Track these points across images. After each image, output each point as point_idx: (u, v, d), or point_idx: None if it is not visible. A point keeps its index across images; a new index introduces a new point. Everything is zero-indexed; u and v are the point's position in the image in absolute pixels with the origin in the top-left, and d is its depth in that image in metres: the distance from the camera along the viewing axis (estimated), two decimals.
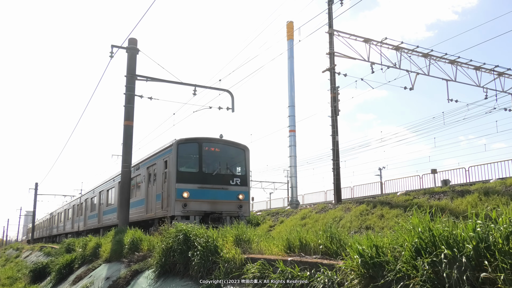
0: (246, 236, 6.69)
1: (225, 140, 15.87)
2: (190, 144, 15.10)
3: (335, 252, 4.90)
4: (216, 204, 14.51)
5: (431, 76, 26.74)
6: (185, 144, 14.99)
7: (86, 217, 29.27)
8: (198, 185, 14.39)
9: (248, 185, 15.62)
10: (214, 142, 15.49)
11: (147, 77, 16.94)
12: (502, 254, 2.92)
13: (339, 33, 24.48)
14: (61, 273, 15.10)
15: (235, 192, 15.03)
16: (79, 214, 31.85)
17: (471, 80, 28.16)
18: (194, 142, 15.13)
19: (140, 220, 16.94)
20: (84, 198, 31.10)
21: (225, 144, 15.77)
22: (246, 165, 15.78)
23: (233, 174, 15.40)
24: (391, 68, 25.38)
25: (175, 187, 13.99)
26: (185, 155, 14.93)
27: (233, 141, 16.10)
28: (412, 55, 26.16)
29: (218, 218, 14.28)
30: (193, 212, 14.00)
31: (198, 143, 15.10)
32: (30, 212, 77.53)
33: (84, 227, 29.28)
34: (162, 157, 15.44)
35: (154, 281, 7.93)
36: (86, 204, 29.73)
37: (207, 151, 15.23)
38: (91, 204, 28.21)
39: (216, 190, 14.66)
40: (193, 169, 14.86)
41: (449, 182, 23.53)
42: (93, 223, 26.44)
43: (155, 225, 15.10)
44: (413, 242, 3.47)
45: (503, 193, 15.23)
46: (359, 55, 24.84)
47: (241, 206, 14.97)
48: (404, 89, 26.14)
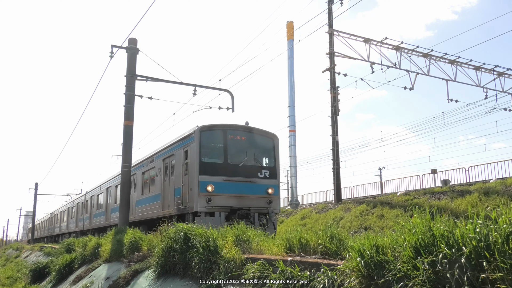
0: (246, 236, 6.70)
1: (252, 128, 14.35)
2: (214, 131, 13.64)
3: (335, 252, 4.90)
4: (243, 199, 13.11)
5: (431, 76, 26.77)
6: (209, 131, 13.51)
7: (91, 215, 27.97)
8: (223, 178, 12.96)
9: (278, 178, 14.13)
10: (240, 129, 13.98)
11: (147, 77, 16.95)
12: (501, 254, 2.92)
13: (339, 33, 24.49)
14: (61, 273, 15.09)
15: (264, 186, 13.59)
16: (84, 212, 30.50)
17: (471, 80, 28.19)
18: (218, 129, 13.64)
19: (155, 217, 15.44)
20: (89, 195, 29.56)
21: (252, 132, 14.24)
22: (275, 156, 14.27)
23: (261, 165, 13.90)
24: (391, 68, 25.41)
25: (198, 179, 12.59)
26: (208, 144, 13.52)
27: (260, 129, 14.66)
28: (412, 55, 26.19)
29: (246, 215, 12.92)
30: (218, 208, 12.62)
31: (222, 131, 13.60)
32: (30, 212, 77.57)
33: (89, 226, 28.05)
34: (182, 147, 14.00)
35: (154, 281, 7.93)
36: (92, 202, 28.29)
37: (232, 139, 13.74)
38: (98, 202, 26.75)
39: (243, 184, 13.26)
40: (218, 160, 13.40)
41: (449, 182, 23.54)
42: (100, 222, 25.15)
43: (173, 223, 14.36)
44: (413, 242, 3.47)
45: (503, 193, 15.25)
46: (359, 55, 24.86)
47: (270, 201, 13.52)
48: (404, 89, 26.19)
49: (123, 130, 16.02)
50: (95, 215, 26.83)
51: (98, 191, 27.01)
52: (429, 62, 26.58)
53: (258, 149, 14.15)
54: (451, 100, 27.70)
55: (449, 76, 27.33)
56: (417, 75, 25.86)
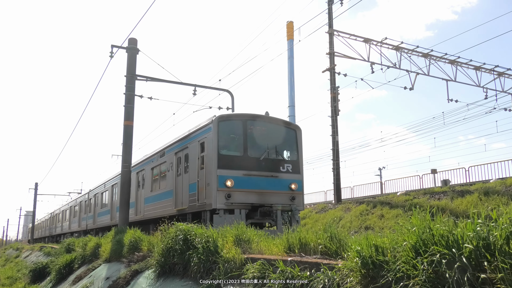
0: (246, 236, 6.69)
1: (273, 118, 13.52)
2: (233, 121, 12.76)
3: (335, 252, 4.90)
4: (264, 195, 12.19)
5: (431, 76, 26.77)
6: (227, 121, 12.60)
7: (95, 214, 26.98)
8: (243, 172, 12.03)
9: (301, 172, 13.22)
10: (261, 120, 13.09)
11: (147, 77, 16.96)
12: (502, 254, 2.92)
13: (339, 33, 24.49)
14: (61, 273, 15.10)
15: (286, 181, 12.66)
16: (87, 211, 29.52)
17: (471, 80, 28.18)
18: (237, 119, 12.78)
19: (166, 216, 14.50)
20: (93, 194, 28.55)
21: (273, 122, 13.37)
22: (298, 148, 13.34)
23: (283, 159, 12.98)
24: (391, 68, 25.41)
25: (217, 173, 11.67)
26: (227, 136, 12.57)
27: (282, 119, 13.87)
28: (412, 55, 26.19)
29: (269, 212, 12.09)
30: (238, 204, 11.73)
31: (242, 121, 12.68)
32: (30, 212, 77.59)
33: (93, 225, 27.05)
34: (197, 139, 13.03)
35: (154, 281, 7.93)
36: (96, 200, 27.28)
37: (252, 130, 12.81)
38: (102, 200, 25.74)
39: (265, 178, 12.30)
40: (237, 153, 12.48)
41: (449, 182, 23.54)
42: (105, 221, 24.13)
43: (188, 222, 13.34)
44: (412, 242, 3.47)
45: (503, 193, 15.25)
46: (359, 55, 24.86)
47: (294, 197, 12.61)
48: (404, 89, 26.19)
49: (123, 130, 16.03)
50: (99, 214, 25.94)
51: (102, 189, 26.06)
52: (429, 62, 26.58)
53: (279, 141, 13.21)
54: (451, 100, 27.70)
55: (449, 76, 27.34)
56: (417, 75, 25.87)
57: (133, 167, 19.51)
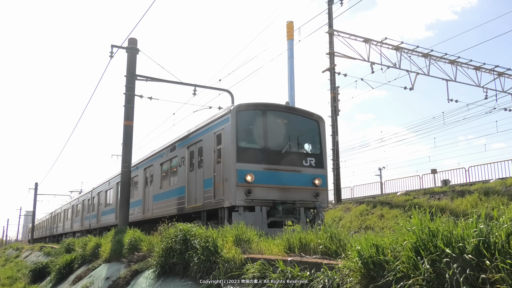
0: (246, 236, 6.69)
1: (294, 108, 12.81)
2: (252, 112, 11.94)
3: (335, 252, 4.90)
4: (287, 192, 11.39)
5: (431, 76, 26.77)
6: (246, 111, 11.78)
7: (99, 213, 26.00)
8: (264, 166, 11.24)
9: (325, 167, 12.41)
10: (281, 110, 12.40)
11: (147, 77, 16.96)
12: (502, 254, 2.92)
13: (339, 33, 24.49)
14: (61, 273, 15.10)
15: (310, 176, 11.85)
16: (91, 210, 28.64)
17: (471, 80, 28.19)
18: (256, 109, 11.97)
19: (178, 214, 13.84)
20: (96, 192, 27.55)
21: (294, 113, 12.63)
22: (321, 141, 12.58)
23: (306, 152, 12.22)
24: (391, 68, 25.41)
25: (236, 167, 10.85)
26: (246, 127, 11.77)
27: (304, 110, 13.01)
28: (412, 55, 26.19)
29: (292, 210, 11.32)
30: (258, 201, 10.89)
31: (261, 111, 11.93)
32: (30, 212, 77.62)
33: (97, 225, 26.13)
34: (213, 131, 12.24)
35: (154, 281, 7.93)
36: (100, 198, 26.34)
37: (273, 121, 12.07)
38: (106, 198, 24.78)
39: (287, 173, 11.53)
40: (257, 145, 11.68)
41: (449, 182, 23.54)
42: (109, 220, 23.24)
43: (202, 220, 12.25)
44: (413, 242, 3.47)
45: (503, 193, 15.24)
46: (359, 55, 24.86)
47: (317, 194, 11.79)
48: (404, 89, 26.19)
49: (123, 130, 16.03)
50: (104, 212, 24.96)
51: (106, 186, 25.04)
52: (429, 62, 26.58)
53: (302, 132, 12.48)
54: (451, 100, 27.71)
55: (449, 76, 27.34)
56: (417, 75, 25.87)
57: (140, 163, 18.96)
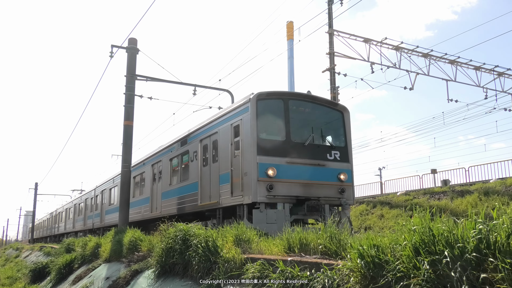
0: (246, 236, 6.69)
1: (317, 97, 11.99)
2: (273, 101, 11.20)
3: (335, 252, 4.90)
4: (310, 187, 10.63)
5: (431, 76, 26.76)
6: (267, 100, 11.02)
7: (103, 212, 25.23)
8: (286, 159, 10.51)
9: (350, 161, 11.68)
10: (304, 99, 11.67)
11: (147, 77, 16.96)
12: (502, 254, 2.92)
13: (339, 33, 24.49)
14: (61, 273, 15.11)
15: (335, 171, 11.12)
16: (94, 209, 27.86)
17: (471, 80, 28.17)
18: (278, 98, 11.24)
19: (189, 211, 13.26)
20: (100, 190, 26.73)
21: (318, 102, 11.83)
22: (346, 133, 11.80)
23: (330, 145, 11.48)
24: (391, 68, 25.40)
25: (257, 161, 10.12)
26: (266, 117, 11.01)
27: (327, 99, 12.28)
28: (412, 55, 26.18)
29: (317, 207, 10.51)
30: (281, 197, 10.18)
31: (283, 100, 11.17)
32: (30, 212, 77.66)
33: (100, 224, 25.27)
34: (230, 122, 11.51)
35: (154, 281, 7.94)
36: (104, 197, 25.54)
37: (295, 111, 11.32)
38: (110, 196, 23.88)
39: (311, 167, 10.75)
40: (278, 137, 10.94)
41: (449, 182, 23.55)
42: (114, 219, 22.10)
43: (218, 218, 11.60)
44: (413, 241, 3.47)
45: (503, 193, 15.26)
46: (359, 55, 24.85)
47: (343, 190, 11.07)
48: (404, 89, 26.17)
49: (123, 130, 16.04)
50: (108, 211, 24.07)
51: (111, 184, 24.14)
52: (429, 62, 26.57)
53: (325, 124, 11.80)
54: (451, 100, 27.68)
55: (449, 76, 27.33)
56: (417, 75, 25.85)
57: (148, 159, 18.38)
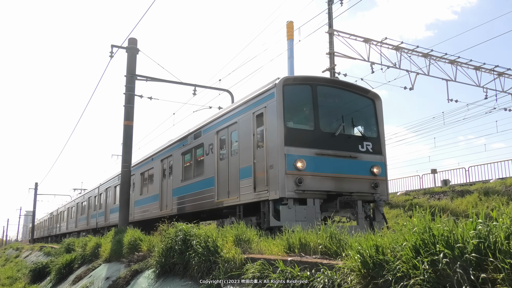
0: (246, 236, 6.69)
1: (347, 83, 11.18)
2: (300, 86, 10.23)
3: (335, 252, 4.90)
4: (342, 182, 9.73)
5: (431, 76, 26.74)
6: (294, 86, 10.06)
7: (107, 210, 24.38)
8: (316, 151, 9.56)
9: (383, 153, 10.60)
10: (333, 85, 10.87)
11: (147, 77, 16.96)
12: (502, 254, 2.92)
13: (339, 33, 24.49)
14: (61, 273, 15.12)
15: (367, 163, 10.17)
16: (97, 207, 27.00)
17: (471, 80, 28.15)
18: (305, 83, 10.24)
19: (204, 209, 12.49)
20: (104, 188, 25.85)
21: (348, 89, 10.90)
22: (378, 123, 10.80)
23: (362, 135, 10.50)
24: (391, 68, 25.39)
25: (284, 152, 9.17)
26: (293, 104, 10.05)
27: (358, 85, 11.46)
28: (412, 55, 26.16)
29: (350, 203, 9.59)
30: (311, 192, 9.24)
31: (311, 86, 10.19)
32: (30, 212, 77.69)
33: (105, 223, 24.43)
34: (251, 110, 10.48)
35: (154, 281, 7.94)
36: (108, 195, 24.68)
37: (324, 98, 10.37)
38: (116, 194, 22.78)
39: (342, 159, 9.84)
40: (306, 126, 10.08)
41: (449, 182, 23.56)
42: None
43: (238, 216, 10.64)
44: (413, 241, 3.47)
45: (503, 193, 15.26)
46: (359, 55, 24.84)
47: (376, 184, 10.12)
48: (404, 89, 26.17)
49: (123, 130, 16.04)
50: (113, 210, 23.02)
51: (116, 181, 22.99)
52: (429, 62, 26.56)
53: (356, 112, 10.74)
54: (451, 100, 27.66)
55: (449, 76, 27.31)
56: (417, 75, 25.84)
57: (156, 154, 17.56)
